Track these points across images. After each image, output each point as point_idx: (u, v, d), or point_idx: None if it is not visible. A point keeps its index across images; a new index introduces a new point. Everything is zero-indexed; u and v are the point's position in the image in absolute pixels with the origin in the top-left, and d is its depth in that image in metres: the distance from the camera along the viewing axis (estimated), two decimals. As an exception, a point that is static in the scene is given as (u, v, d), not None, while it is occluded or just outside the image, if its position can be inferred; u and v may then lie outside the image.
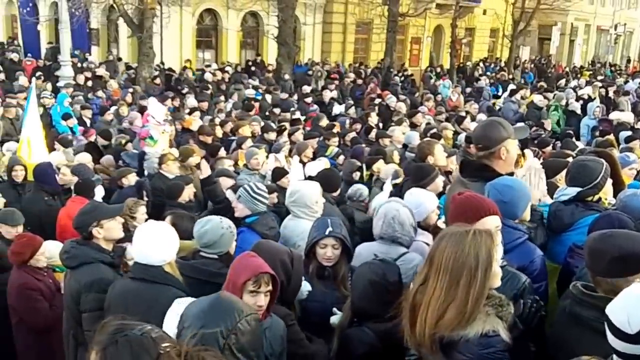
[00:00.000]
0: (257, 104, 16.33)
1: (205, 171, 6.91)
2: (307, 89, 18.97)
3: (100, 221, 4.84)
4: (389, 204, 4.79)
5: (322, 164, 9.22)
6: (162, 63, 24.52)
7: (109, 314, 4.11)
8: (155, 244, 4.25)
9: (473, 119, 14.54)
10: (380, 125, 14.44)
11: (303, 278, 4.26)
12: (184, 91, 18.35)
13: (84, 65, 22.54)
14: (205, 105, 15.87)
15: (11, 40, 30.95)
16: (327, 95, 17.78)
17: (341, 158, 10.31)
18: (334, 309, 4.22)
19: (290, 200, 5.79)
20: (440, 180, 6.72)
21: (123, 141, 11.09)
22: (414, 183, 6.34)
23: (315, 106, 16.96)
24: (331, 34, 32.15)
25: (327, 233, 4.42)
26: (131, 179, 8.65)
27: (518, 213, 4.11)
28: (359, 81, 23.61)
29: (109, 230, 4.89)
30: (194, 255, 4.65)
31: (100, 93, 17.35)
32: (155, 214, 7.61)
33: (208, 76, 21.60)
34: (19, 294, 5.66)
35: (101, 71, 21.20)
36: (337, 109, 17.03)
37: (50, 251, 5.90)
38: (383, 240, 4.59)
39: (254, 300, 3.42)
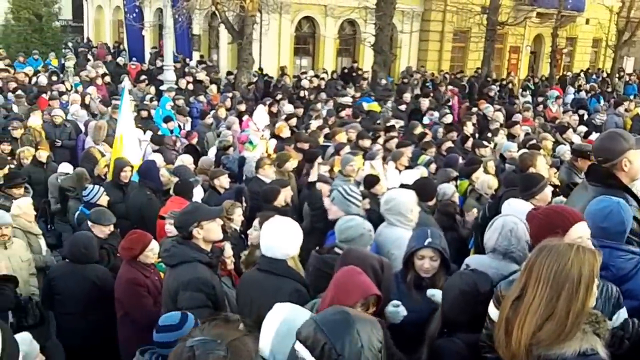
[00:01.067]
0: (349, 110, 16.38)
1: (313, 176, 7.08)
2: (407, 97, 18.82)
3: (201, 222, 4.94)
4: (507, 217, 4.65)
5: (419, 172, 9.15)
6: (261, 69, 24.97)
7: (238, 303, 4.80)
8: (280, 239, 4.53)
9: (573, 130, 14.11)
10: (477, 135, 14.19)
11: (401, 304, 4.22)
12: (280, 97, 18.54)
13: (186, 70, 23.20)
14: (300, 111, 16.03)
15: (117, 44, 32.24)
16: (424, 104, 17.59)
17: (433, 166, 10.19)
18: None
19: (385, 208, 5.78)
20: (549, 190, 6.51)
21: (226, 144, 11.36)
22: (522, 192, 6.19)
23: (436, 114, 16.71)
24: (428, 42, 31.91)
25: (425, 244, 4.38)
26: (223, 181, 8.82)
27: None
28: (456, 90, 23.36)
29: (208, 231, 4.98)
30: (329, 251, 4.90)
31: (201, 97, 17.78)
32: (252, 217, 7.77)
33: (304, 83, 21.82)
34: (126, 288, 5.88)
35: (201, 76, 21.75)
36: (428, 118, 16.75)
37: (158, 248, 6.14)
38: (495, 254, 4.44)
39: None
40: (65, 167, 10.20)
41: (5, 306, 5.87)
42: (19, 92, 16.11)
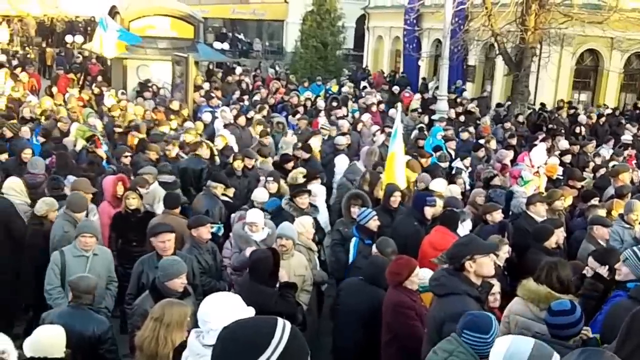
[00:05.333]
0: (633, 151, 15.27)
1: None
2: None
3: (474, 255, 4.89)
4: None
5: None
6: (534, 103, 24.27)
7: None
8: None
9: None
10: None
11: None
12: (555, 132, 17.80)
13: (458, 100, 23.26)
14: (576, 148, 15.24)
15: (393, 73, 33.35)
16: None
17: None
18: None
19: None
20: None
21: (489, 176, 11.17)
22: None
23: None
24: None
25: None
26: (495, 216, 8.65)
27: None
28: None
29: (481, 265, 4.92)
30: None
31: (470, 129, 17.67)
32: (517, 254, 7.54)
33: (582, 118, 20.73)
34: (395, 312, 5.97)
35: (472, 107, 21.67)
36: None
37: (420, 274, 6.19)
38: None
39: None
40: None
41: (290, 311, 6.29)
42: (299, 115, 17.30)
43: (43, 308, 6.95)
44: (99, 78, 24.09)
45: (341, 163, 12.35)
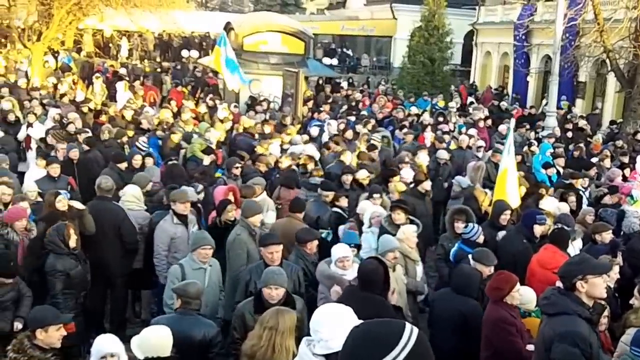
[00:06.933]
0: None
1: None
2: None
3: (587, 275, 4.86)
4: None
5: None
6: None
7: None
8: None
9: None
10: None
11: None
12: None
13: (568, 117, 22.75)
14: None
15: (501, 88, 32.89)
16: None
17: None
18: None
19: None
20: None
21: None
22: None
23: None
24: None
25: None
26: (605, 237, 8.55)
27: None
28: None
29: (593, 285, 4.88)
30: None
31: (580, 145, 17.28)
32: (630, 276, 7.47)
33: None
34: (496, 327, 6.05)
35: (582, 123, 21.18)
36: None
37: (521, 291, 6.27)
38: None
39: None
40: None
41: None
42: (405, 129, 17.46)
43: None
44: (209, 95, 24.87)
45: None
